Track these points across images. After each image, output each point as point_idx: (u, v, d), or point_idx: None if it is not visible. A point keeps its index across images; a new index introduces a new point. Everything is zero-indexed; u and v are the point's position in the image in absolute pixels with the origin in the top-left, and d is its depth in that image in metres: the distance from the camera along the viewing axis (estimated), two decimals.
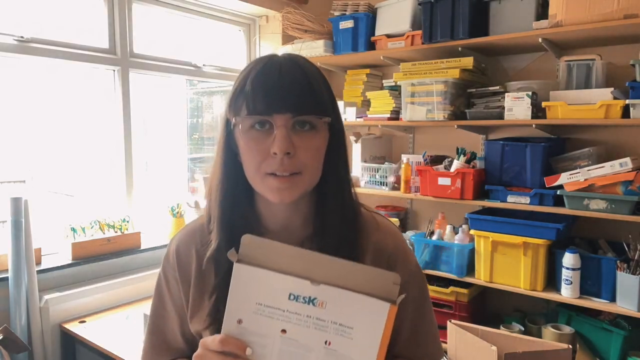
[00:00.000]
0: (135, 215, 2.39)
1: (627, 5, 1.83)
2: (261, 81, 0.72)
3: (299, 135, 0.72)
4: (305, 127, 0.73)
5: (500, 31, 2.18)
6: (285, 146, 0.70)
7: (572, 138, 2.30)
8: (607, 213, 1.92)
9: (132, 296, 2.20)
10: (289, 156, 0.71)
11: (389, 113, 2.60)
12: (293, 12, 2.76)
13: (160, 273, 0.88)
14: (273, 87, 0.71)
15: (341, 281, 0.63)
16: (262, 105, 0.71)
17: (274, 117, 0.71)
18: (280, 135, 0.70)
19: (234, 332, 0.66)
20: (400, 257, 0.85)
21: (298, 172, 0.73)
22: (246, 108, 0.72)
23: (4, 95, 2.10)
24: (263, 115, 0.71)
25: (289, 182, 0.73)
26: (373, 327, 0.63)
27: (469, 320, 2.25)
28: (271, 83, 0.71)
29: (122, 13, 2.32)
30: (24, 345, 1.61)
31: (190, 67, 2.68)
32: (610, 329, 1.97)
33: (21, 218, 1.83)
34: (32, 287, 1.88)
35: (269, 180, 0.73)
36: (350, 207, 0.82)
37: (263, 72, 0.73)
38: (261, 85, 0.72)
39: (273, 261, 0.64)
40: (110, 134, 2.40)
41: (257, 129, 0.73)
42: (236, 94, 0.75)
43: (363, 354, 0.63)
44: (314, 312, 0.64)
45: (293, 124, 0.72)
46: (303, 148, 0.72)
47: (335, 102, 0.80)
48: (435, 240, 2.38)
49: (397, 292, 0.62)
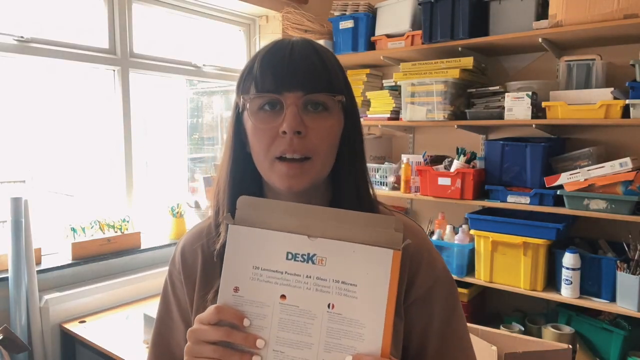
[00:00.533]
0: (135, 215, 2.39)
1: (627, 5, 1.83)
2: (270, 59, 0.69)
3: (310, 115, 0.68)
4: (318, 108, 0.69)
5: (500, 31, 2.18)
6: (295, 124, 0.66)
7: (572, 138, 2.30)
8: (607, 213, 1.92)
9: (132, 296, 2.20)
10: (299, 136, 0.67)
11: (389, 113, 2.60)
12: (293, 12, 2.76)
13: (166, 278, 0.85)
14: (282, 64, 0.67)
15: (340, 232, 0.60)
16: (271, 83, 0.67)
17: (284, 95, 0.67)
18: (290, 113, 0.66)
19: (230, 302, 0.61)
20: (424, 259, 0.77)
21: (309, 156, 0.69)
22: (254, 87, 0.69)
23: (4, 95, 2.10)
24: (272, 93, 0.68)
25: (298, 169, 0.68)
26: (378, 279, 0.58)
27: (469, 320, 2.24)
28: (281, 60, 0.68)
29: (122, 13, 2.32)
30: (24, 345, 1.61)
31: (190, 67, 2.68)
32: (610, 329, 1.97)
33: (21, 218, 1.83)
34: (32, 287, 1.88)
35: (278, 165, 0.69)
36: (367, 201, 0.76)
37: (272, 50, 0.70)
38: (270, 62, 0.68)
39: (269, 220, 0.61)
40: (110, 134, 2.40)
41: (267, 109, 0.69)
42: (244, 75, 0.72)
43: (371, 314, 0.58)
44: (314, 271, 0.60)
45: (305, 103, 0.68)
46: (315, 129, 0.68)
47: (349, 84, 0.75)
48: (435, 240, 2.38)
49: (400, 238, 0.58)
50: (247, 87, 0.71)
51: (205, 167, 2.96)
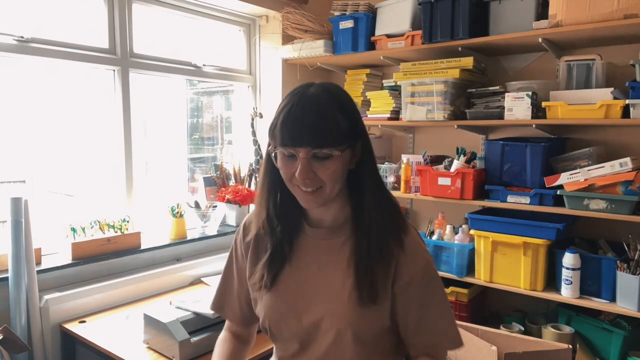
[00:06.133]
0: (135, 215, 2.39)
1: (627, 5, 1.83)
2: (288, 120, 0.90)
3: (318, 163, 0.92)
4: (324, 158, 0.91)
5: (500, 31, 2.18)
6: (304, 174, 0.91)
7: (572, 138, 2.31)
8: (607, 213, 1.92)
9: (132, 296, 2.20)
10: (310, 178, 0.92)
11: (389, 113, 2.60)
12: (293, 12, 2.76)
13: (233, 242, 1.16)
14: (295, 126, 0.90)
15: None
16: (289, 140, 0.91)
17: (297, 150, 0.91)
18: (301, 167, 0.91)
19: None
20: (408, 256, 0.98)
21: (319, 187, 0.94)
22: (279, 140, 0.92)
23: (4, 95, 2.10)
24: (289, 148, 0.91)
25: (312, 195, 0.95)
26: None
27: (469, 320, 2.25)
28: (293, 124, 0.90)
29: (122, 13, 2.32)
30: (24, 345, 1.61)
31: (190, 67, 2.68)
32: (610, 329, 1.97)
33: (21, 218, 1.83)
34: (32, 287, 1.88)
35: (298, 191, 0.96)
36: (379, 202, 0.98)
37: (290, 112, 0.91)
38: (287, 124, 0.91)
39: None
40: (110, 134, 2.40)
41: (287, 155, 0.93)
42: (273, 126, 0.94)
43: None
44: None
45: (313, 155, 0.91)
46: (322, 171, 0.92)
47: (358, 124, 0.97)
48: (436, 240, 2.38)
49: None
50: (275, 136, 0.94)
51: (205, 167, 2.96)
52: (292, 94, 0.94)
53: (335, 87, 0.97)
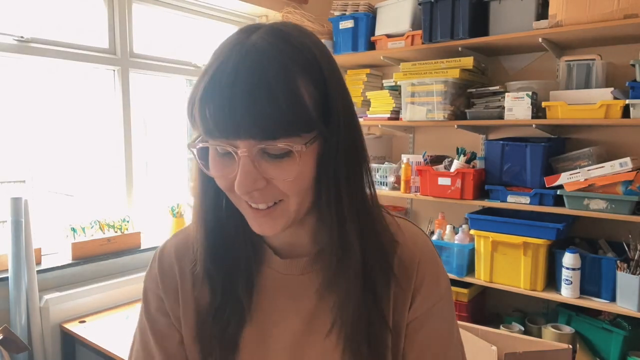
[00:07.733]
0: (135, 215, 2.39)
1: (627, 5, 1.83)
2: (213, 94, 0.52)
3: (270, 162, 0.54)
4: (277, 154, 0.54)
5: (500, 31, 2.18)
6: (248, 184, 0.54)
7: (572, 138, 2.30)
8: (607, 213, 1.92)
9: (132, 296, 2.20)
10: (259, 188, 0.55)
11: (389, 113, 2.60)
12: (293, 12, 2.76)
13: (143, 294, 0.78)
14: (225, 105, 0.51)
15: None
16: (216, 129, 0.52)
17: (233, 143, 0.53)
18: (242, 172, 0.53)
19: None
20: (427, 277, 0.67)
21: (278, 200, 0.57)
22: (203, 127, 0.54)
23: (4, 95, 2.10)
24: (219, 141, 0.54)
25: (267, 215, 0.57)
26: None
27: (469, 320, 2.25)
28: (223, 98, 0.51)
29: (122, 13, 2.32)
30: (24, 345, 1.61)
31: (190, 67, 2.68)
32: (610, 329, 1.97)
33: (21, 218, 1.83)
34: (32, 287, 1.88)
35: (245, 207, 0.59)
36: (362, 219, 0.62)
37: (215, 79, 0.52)
38: (212, 100, 0.52)
39: None
40: (110, 134, 2.40)
41: (219, 153, 0.56)
42: (191, 104, 0.56)
43: None
44: None
45: (260, 150, 0.54)
46: (278, 176, 0.55)
47: (334, 94, 0.57)
48: (435, 240, 2.38)
49: None
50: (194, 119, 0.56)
51: None
52: (223, 46, 0.55)
53: (297, 30, 0.57)
